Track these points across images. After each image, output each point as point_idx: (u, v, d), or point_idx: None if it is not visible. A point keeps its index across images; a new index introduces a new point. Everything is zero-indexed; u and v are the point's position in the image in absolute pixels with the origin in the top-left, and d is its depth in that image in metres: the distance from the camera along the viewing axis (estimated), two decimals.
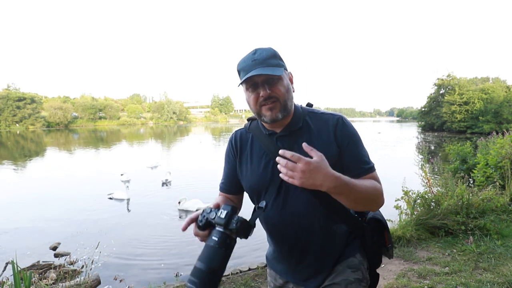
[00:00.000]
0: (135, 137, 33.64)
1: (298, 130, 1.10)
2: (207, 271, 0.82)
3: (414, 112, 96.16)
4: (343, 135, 1.08)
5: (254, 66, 1.03)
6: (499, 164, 5.53)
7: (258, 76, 1.02)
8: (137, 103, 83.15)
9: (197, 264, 0.83)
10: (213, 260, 0.83)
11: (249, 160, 1.17)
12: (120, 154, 19.00)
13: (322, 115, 1.13)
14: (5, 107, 46.55)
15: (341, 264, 1.13)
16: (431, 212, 3.96)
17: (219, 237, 0.85)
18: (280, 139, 1.11)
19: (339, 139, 1.07)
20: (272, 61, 1.05)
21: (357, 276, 1.12)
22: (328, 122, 1.10)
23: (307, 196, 1.06)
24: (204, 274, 0.81)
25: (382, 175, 1.14)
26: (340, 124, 1.09)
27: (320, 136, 1.09)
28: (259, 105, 1.06)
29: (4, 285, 2.77)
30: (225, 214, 0.87)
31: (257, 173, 1.14)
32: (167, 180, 9.62)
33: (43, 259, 4.29)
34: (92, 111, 58.58)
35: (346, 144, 1.07)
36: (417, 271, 3.06)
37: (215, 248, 0.84)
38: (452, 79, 38.56)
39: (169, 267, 4.33)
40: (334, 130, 1.08)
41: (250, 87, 1.07)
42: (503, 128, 8.90)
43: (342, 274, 1.12)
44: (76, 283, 3.16)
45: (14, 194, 8.76)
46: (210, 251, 0.84)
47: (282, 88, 1.06)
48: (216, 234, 0.86)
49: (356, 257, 1.15)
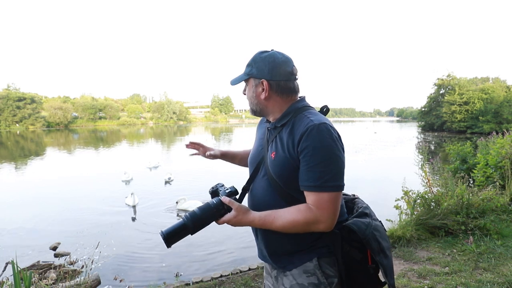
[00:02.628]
0: (135, 137, 33.63)
1: (280, 126, 1.19)
2: (199, 216, 1.09)
3: (414, 112, 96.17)
4: (304, 143, 1.05)
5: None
6: (499, 164, 5.53)
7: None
8: (137, 103, 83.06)
9: (195, 209, 1.11)
10: (205, 213, 1.10)
11: (256, 140, 1.36)
12: (120, 154, 18.99)
13: (305, 119, 1.11)
14: (5, 107, 46.51)
15: (298, 269, 1.15)
16: (431, 212, 3.96)
17: (216, 202, 1.12)
18: (269, 130, 1.25)
19: (301, 147, 1.07)
20: (245, 69, 1.22)
21: (312, 280, 1.13)
22: (302, 128, 1.08)
23: (268, 184, 1.18)
24: (196, 216, 1.09)
25: (382, 175, 1.14)
26: (308, 133, 1.05)
27: (290, 138, 1.12)
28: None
29: (4, 285, 2.77)
30: (229, 190, 1.18)
31: (252, 151, 1.34)
32: (169, 179, 9.77)
33: (43, 259, 4.29)
34: (92, 111, 58.55)
35: (304, 153, 1.06)
36: (417, 271, 3.06)
37: (211, 207, 1.11)
38: (452, 79, 38.56)
39: (169, 267, 4.33)
40: (300, 137, 1.07)
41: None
42: (503, 128, 8.89)
43: (297, 278, 1.15)
44: (76, 283, 3.16)
45: (14, 194, 8.76)
46: (207, 207, 1.11)
47: (248, 93, 1.24)
48: (216, 199, 1.12)
49: (312, 262, 1.14)
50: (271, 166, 1.15)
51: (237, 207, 1.10)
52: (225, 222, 1.11)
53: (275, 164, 1.14)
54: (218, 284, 3.10)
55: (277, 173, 1.13)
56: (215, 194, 1.22)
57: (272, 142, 1.19)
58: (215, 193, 1.22)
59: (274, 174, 1.14)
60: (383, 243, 1.14)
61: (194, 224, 1.08)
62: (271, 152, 1.17)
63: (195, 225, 1.09)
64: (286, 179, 1.12)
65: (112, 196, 8.46)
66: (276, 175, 1.13)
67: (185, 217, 1.10)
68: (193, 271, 4.14)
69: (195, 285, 3.14)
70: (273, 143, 1.18)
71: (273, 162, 1.14)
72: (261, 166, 1.22)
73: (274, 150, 1.16)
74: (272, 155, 1.15)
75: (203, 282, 3.17)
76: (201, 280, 3.20)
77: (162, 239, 1.09)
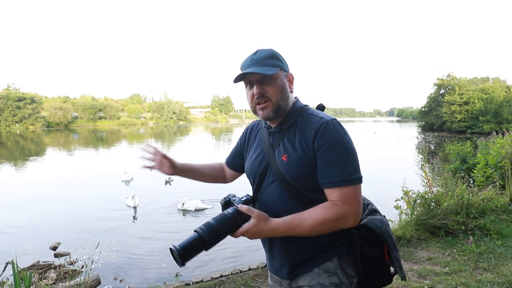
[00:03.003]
0: (135, 137, 33.63)
1: (287, 128, 1.14)
2: (216, 227, 0.97)
3: (414, 112, 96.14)
4: (321, 140, 1.04)
5: (250, 65, 1.09)
6: (499, 164, 5.53)
7: (253, 75, 1.09)
8: (137, 103, 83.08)
9: (210, 220, 0.99)
10: (222, 223, 0.99)
11: (251, 149, 1.28)
12: (120, 154, 19.00)
13: (314, 117, 1.11)
14: (5, 107, 46.54)
15: (318, 268, 1.12)
16: (431, 212, 3.96)
17: (233, 211, 1.02)
18: (272, 134, 1.19)
19: (316, 144, 1.05)
20: (268, 61, 1.09)
21: (333, 280, 1.10)
22: (313, 125, 1.08)
23: (280, 190, 1.12)
24: (212, 227, 0.97)
25: (382, 175, 1.14)
26: (322, 129, 1.05)
27: (301, 138, 1.09)
28: (254, 104, 1.14)
29: (4, 285, 2.77)
30: (245, 198, 1.11)
31: (251, 161, 1.25)
32: (170, 179, 9.79)
33: (43, 259, 4.29)
34: (92, 111, 58.57)
35: (322, 150, 1.04)
36: (417, 271, 3.06)
37: (227, 217, 1.00)
38: (452, 79, 38.53)
39: (169, 267, 4.33)
40: (315, 134, 1.06)
41: (247, 85, 1.15)
42: (503, 128, 8.89)
43: (317, 278, 1.11)
44: (76, 283, 3.16)
45: (14, 194, 8.76)
46: (223, 217, 1.00)
47: (276, 88, 1.10)
48: (232, 209, 1.03)
49: (333, 261, 1.11)
50: (285, 169, 1.09)
51: (257, 214, 1.00)
52: (243, 233, 1.00)
53: (290, 165, 1.09)
54: (218, 284, 3.10)
55: (293, 175, 1.08)
56: (228, 204, 1.10)
57: (279, 146, 1.14)
58: (228, 203, 1.11)
59: (289, 177, 1.08)
60: (394, 238, 1.17)
61: (210, 236, 0.95)
62: (282, 155, 1.11)
63: (212, 238, 0.96)
64: (302, 179, 1.08)
65: (112, 196, 8.46)
66: (291, 177, 1.08)
67: (199, 229, 0.96)
68: (193, 271, 4.14)
69: (195, 285, 3.14)
70: (281, 146, 1.13)
71: (287, 165, 1.09)
72: (267, 174, 1.15)
73: (284, 153, 1.11)
74: (284, 158, 1.10)
75: (203, 282, 3.17)
76: (201, 280, 3.20)
77: (175, 256, 0.94)
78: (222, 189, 8.33)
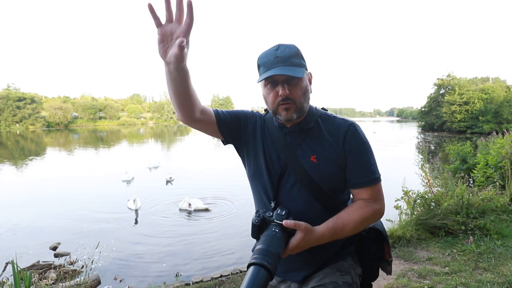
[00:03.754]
0: (135, 137, 33.64)
1: (308, 129, 1.11)
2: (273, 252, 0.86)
3: (414, 112, 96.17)
4: (351, 142, 1.08)
5: (276, 64, 1.02)
6: (499, 164, 5.53)
7: (279, 75, 1.01)
8: (137, 103, 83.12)
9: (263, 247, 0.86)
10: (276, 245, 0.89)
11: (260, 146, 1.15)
12: (120, 154, 19.00)
13: (335, 119, 1.14)
14: (5, 107, 46.56)
15: (330, 267, 1.12)
16: (431, 212, 3.96)
17: (279, 230, 0.93)
18: (290, 134, 1.12)
19: (347, 146, 1.07)
20: (294, 60, 1.03)
21: (346, 280, 1.10)
22: (340, 127, 1.10)
23: (305, 193, 1.09)
24: (272, 254, 0.85)
25: (383, 175, 1.14)
26: (351, 131, 1.09)
27: (329, 139, 1.09)
28: (276, 104, 1.06)
29: (4, 285, 2.77)
30: (285, 212, 0.98)
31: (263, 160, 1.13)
32: (171, 178, 9.82)
33: (43, 259, 4.29)
34: (92, 111, 58.59)
35: (353, 151, 1.07)
36: (417, 271, 3.06)
37: (278, 237, 0.91)
38: (452, 79, 38.55)
39: (169, 267, 4.33)
40: (344, 136, 1.08)
41: (269, 84, 1.06)
42: (503, 128, 8.89)
43: (330, 276, 1.10)
44: (76, 283, 3.15)
45: (14, 194, 8.76)
46: (274, 238, 0.90)
47: (300, 90, 1.05)
48: (275, 227, 0.94)
49: (346, 261, 1.15)
50: (315, 170, 1.06)
51: (305, 227, 0.96)
52: (292, 249, 0.94)
53: (321, 166, 1.06)
54: (218, 284, 3.10)
55: (324, 176, 1.07)
56: (264, 222, 0.98)
57: (301, 146, 1.09)
58: (264, 221, 0.98)
59: (319, 178, 1.06)
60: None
61: (275, 263, 0.84)
62: (309, 157, 1.07)
63: (275, 264, 0.84)
64: (332, 180, 1.08)
65: (112, 196, 8.47)
66: (322, 178, 1.06)
67: (260, 259, 0.82)
68: (193, 271, 4.14)
69: (195, 285, 3.14)
70: (304, 147, 1.09)
71: (317, 166, 1.06)
72: (286, 175, 1.10)
73: (313, 154, 1.07)
74: (313, 159, 1.07)
75: (203, 282, 3.17)
76: (201, 280, 3.20)
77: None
78: (222, 189, 8.31)
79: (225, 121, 1.15)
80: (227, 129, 1.16)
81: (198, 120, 1.08)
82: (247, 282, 0.76)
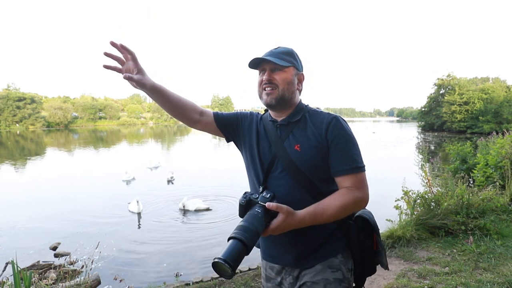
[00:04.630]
0: (135, 137, 33.63)
1: (295, 122, 1.21)
2: (252, 228, 0.94)
3: (414, 112, 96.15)
4: (333, 132, 1.15)
5: (266, 55, 1.20)
6: (499, 164, 5.53)
7: (267, 63, 1.18)
8: (137, 103, 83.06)
9: (243, 224, 0.95)
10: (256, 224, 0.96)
11: (252, 137, 1.28)
12: (121, 154, 19.00)
13: (321, 113, 1.22)
14: (5, 107, 46.51)
15: (321, 264, 1.18)
16: (431, 212, 3.96)
17: (262, 210, 1.00)
18: (280, 128, 1.23)
19: (329, 136, 1.15)
20: (284, 56, 1.19)
21: (337, 276, 1.16)
22: (324, 120, 1.18)
23: (290, 179, 1.16)
24: (250, 230, 0.93)
25: (382, 175, 1.15)
26: (333, 123, 1.16)
27: (313, 130, 1.17)
28: (261, 88, 1.21)
29: (4, 285, 2.77)
30: (270, 195, 1.05)
31: (256, 150, 1.25)
32: (172, 178, 9.85)
33: (43, 259, 4.29)
34: (92, 111, 58.55)
35: (335, 141, 1.14)
36: (417, 271, 3.06)
37: (259, 216, 0.98)
38: (452, 79, 38.53)
39: (169, 267, 4.33)
40: (327, 127, 1.16)
41: (260, 72, 1.22)
42: (503, 128, 8.89)
43: (321, 274, 1.16)
44: (76, 283, 3.15)
45: (14, 194, 8.76)
46: (255, 217, 0.98)
47: (284, 78, 1.18)
48: (259, 207, 1.01)
49: (337, 258, 1.18)
50: (299, 158, 1.15)
51: (286, 209, 1.02)
52: (273, 230, 1.01)
53: (304, 154, 1.15)
54: (218, 284, 3.10)
55: (306, 163, 1.14)
56: (250, 203, 1.06)
57: (288, 137, 1.19)
58: (249, 202, 1.07)
59: (302, 165, 1.14)
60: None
61: (251, 239, 0.92)
62: (294, 146, 1.17)
63: (251, 240, 0.92)
64: (315, 167, 1.15)
65: (112, 196, 8.47)
66: (304, 165, 1.14)
67: (238, 235, 0.92)
68: (193, 271, 4.14)
69: (195, 285, 3.14)
70: (291, 138, 1.19)
71: (300, 154, 1.15)
72: (275, 163, 1.19)
73: (297, 143, 1.17)
74: (297, 147, 1.16)
75: (203, 282, 3.17)
76: (201, 280, 3.20)
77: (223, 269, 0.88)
78: (223, 189, 8.32)
79: (223, 119, 1.32)
80: (225, 127, 1.32)
81: (197, 121, 1.28)
82: (224, 253, 0.86)
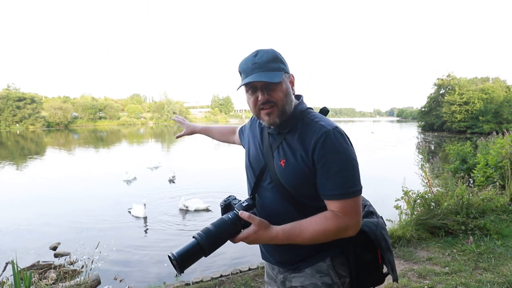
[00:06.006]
0: (135, 137, 33.63)
1: (285, 133, 1.11)
2: (215, 233, 0.96)
3: (414, 112, 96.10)
4: (320, 151, 1.01)
5: (254, 70, 1.04)
6: (499, 164, 5.53)
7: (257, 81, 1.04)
8: (137, 103, 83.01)
9: (209, 226, 0.98)
10: (221, 229, 0.98)
11: (250, 142, 1.28)
12: (121, 154, 19.00)
13: (315, 123, 1.07)
14: (5, 107, 46.46)
15: (310, 268, 1.13)
16: (431, 212, 3.96)
17: (233, 217, 1.00)
18: (272, 136, 1.16)
19: (316, 155, 1.02)
20: (272, 65, 1.05)
21: (325, 281, 1.11)
22: (313, 135, 1.04)
23: (277, 193, 1.11)
24: (211, 233, 0.96)
25: (382, 175, 1.14)
26: (322, 140, 1.01)
27: (300, 145, 1.06)
28: (258, 109, 1.10)
29: (4, 285, 2.77)
30: (246, 204, 1.05)
31: (251, 157, 1.24)
32: (173, 177, 9.88)
33: (43, 259, 4.29)
34: (92, 111, 58.50)
35: (322, 161, 1.01)
36: (417, 271, 3.06)
37: (227, 223, 0.99)
38: (452, 79, 38.53)
39: (169, 267, 4.33)
40: (314, 145, 1.02)
41: (249, 90, 1.09)
42: (503, 128, 8.90)
43: (310, 278, 1.12)
44: (76, 283, 3.16)
45: (14, 194, 8.76)
46: (222, 222, 0.99)
47: (281, 93, 1.06)
48: (232, 214, 1.01)
49: (325, 262, 1.12)
50: (282, 175, 1.08)
51: (259, 222, 0.99)
52: (242, 239, 1.00)
53: (287, 172, 1.07)
54: (218, 284, 3.10)
55: (289, 182, 1.07)
56: (228, 208, 1.08)
57: (278, 149, 1.11)
58: (228, 207, 1.08)
59: (286, 183, 1.07)
60: (389, 241, 1.18)
61: (209, 243, 0.94)
62: (280, 160, 1.09)
63: (211, 244, 0.94)
64: (299, 187, 1.07)
65: (112, 196, 8.47)
66: (288, 183, 1.07)
67: (198, 235, 0.95)
68: (193, 271, 4.14)
69: (195, 285, 3.14)
70: (280, 150, 1.10)
71: (284, 171, 1.07)
72: (265, 174, 1.14)
73: (283, 158, 1.08)
74: (282, 163, 1.08)
75: (203, 282, 3.17)
76: (201, 280, 3.20)
77: (174, 264, 0.92)
78: (223, 189, 8.34)
79: (241, 134, 1.50)
80: (242, 140, 1.48)
81: (232, 141, 1.68)
82: (182, 249, 0.92)
